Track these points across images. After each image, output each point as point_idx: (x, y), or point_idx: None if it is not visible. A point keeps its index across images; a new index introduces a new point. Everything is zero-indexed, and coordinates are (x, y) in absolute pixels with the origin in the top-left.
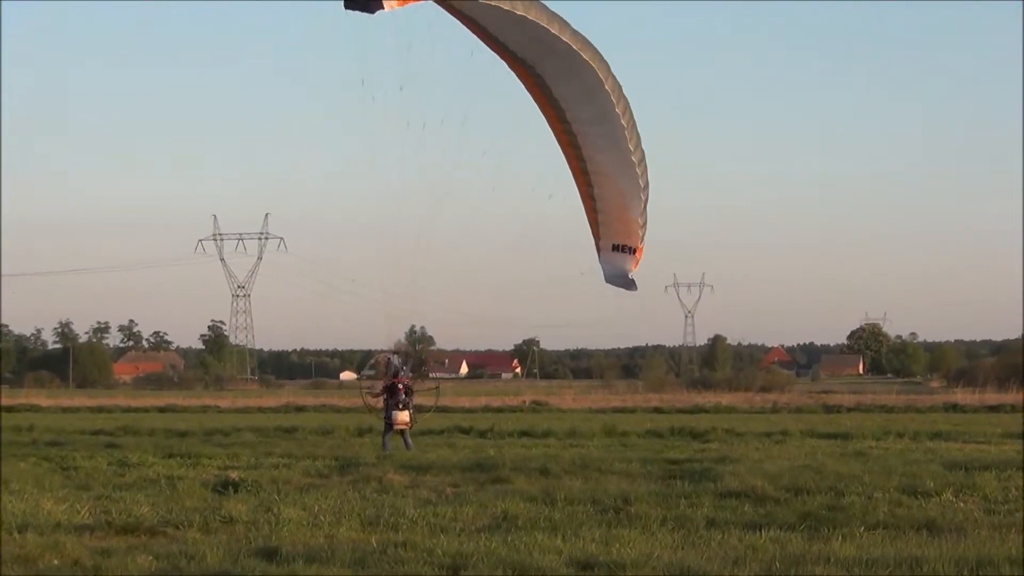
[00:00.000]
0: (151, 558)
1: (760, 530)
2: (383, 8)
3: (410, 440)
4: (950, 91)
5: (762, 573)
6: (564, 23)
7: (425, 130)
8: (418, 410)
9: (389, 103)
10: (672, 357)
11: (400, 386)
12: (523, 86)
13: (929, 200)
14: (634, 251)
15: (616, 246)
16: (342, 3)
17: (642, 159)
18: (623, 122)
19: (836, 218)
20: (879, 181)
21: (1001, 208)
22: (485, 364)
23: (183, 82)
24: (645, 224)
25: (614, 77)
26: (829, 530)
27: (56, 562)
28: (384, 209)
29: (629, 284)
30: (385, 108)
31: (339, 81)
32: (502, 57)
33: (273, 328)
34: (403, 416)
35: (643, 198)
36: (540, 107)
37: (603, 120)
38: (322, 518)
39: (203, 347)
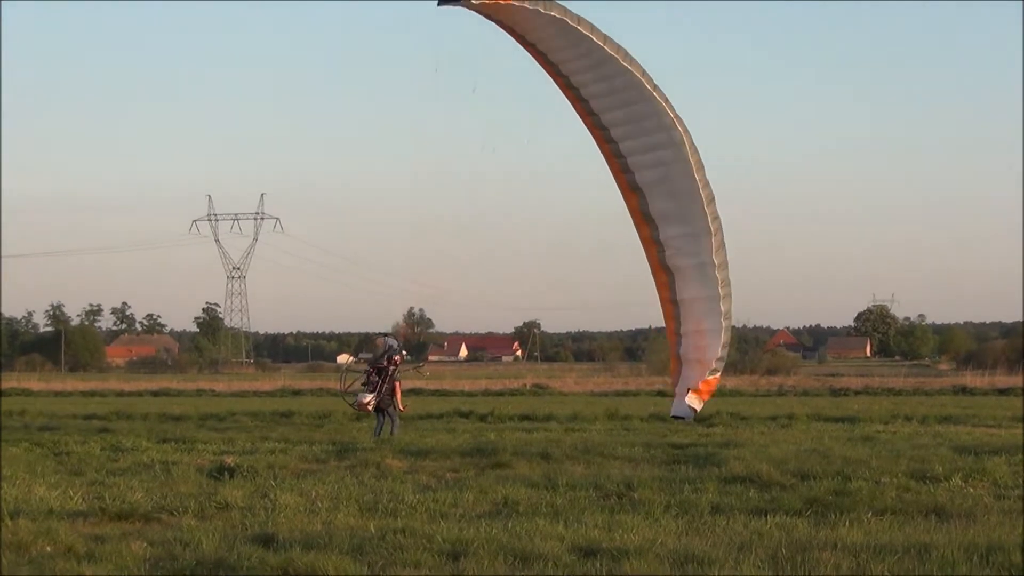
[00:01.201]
0: (145, 544)
1: (766, 516)
2: (472, 5)
3: (395, 424)
4: (963, 64)
5: (768, 559)
6: (655, 85)
7: (454, 121)
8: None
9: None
10: None
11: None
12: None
13: (938, 179)
14: (699, 387)
15: (691, 388)
16: None
17: (727, 280)
18: (714, 235)
19: (843, 197)
20: (888, 159)
21: (1012, 187)
22: (485, 347)
23: (177, 58)
24: (723, 358)
25: (705, 175)
26: (836, 516)
27: (49, 549)
28: (391, 194)
29: (689, 414)
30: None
31: (340, 60)
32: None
33: (269, 310)
34: (365, 398)
35: (724, 326)
36: (636, 227)
37: (696, 240)
38: (319, 504)
39: (197, 330)
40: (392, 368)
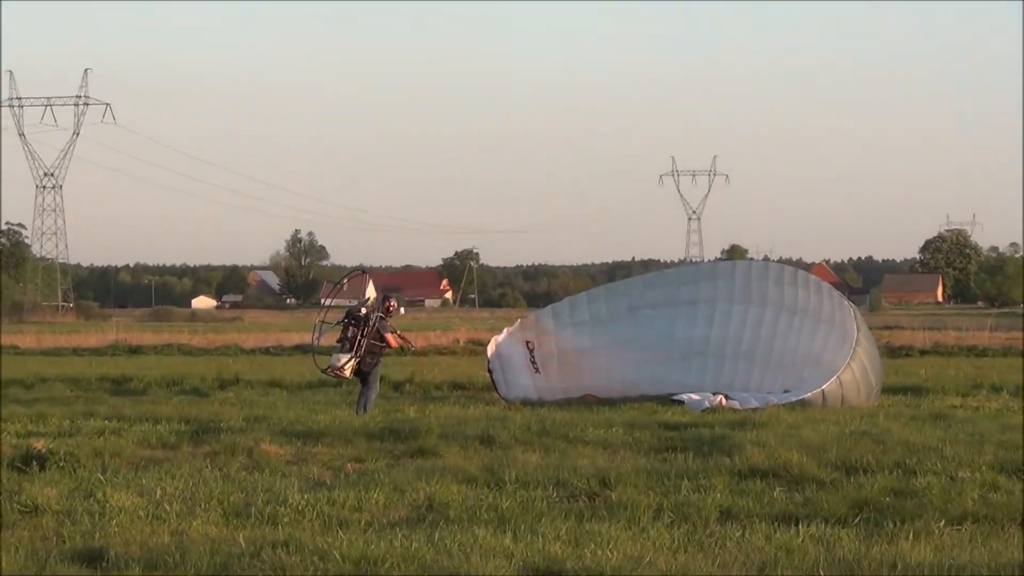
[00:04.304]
0: None
1: (797, 524)
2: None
3: (370, 398)
4: None
5: None
6: None
7: None
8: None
9: None
10: None
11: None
12: None
13: None
14: None
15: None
16: None
17: None
18: None
19: (906, 86)
20: (964, 36)
21: None
22: (402, 287)
23: None
24: None
25: None
26: (895, 525)
27: None
28: (264, 62)
29: (699, 407)
30: None
31: None
32: None
33: (96, 234)
34: (340, 360)
35: None
36: None
37: None
38: (167, 507)
39: None
40: (377, 318)
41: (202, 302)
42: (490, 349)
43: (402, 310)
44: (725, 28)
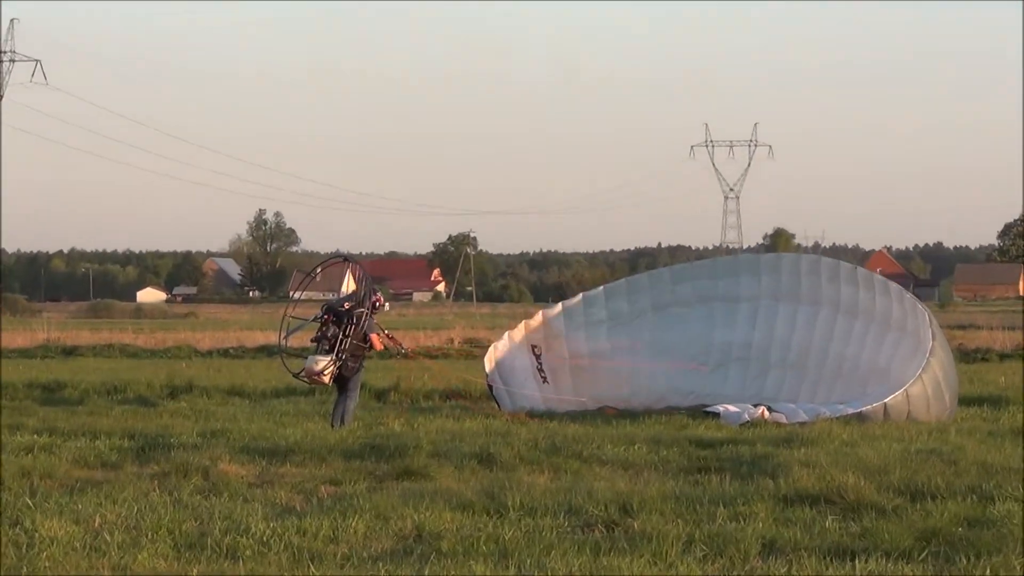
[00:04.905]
0: None
1: (852, 559)
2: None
3: (348, 408)
4: None
5: None
6: None
7: None
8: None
9: None
10: None
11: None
12: None
13: None
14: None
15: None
16: None
17: None
18: None
19: (987, 47)
20: None
21: None
22: (386, 277)
23: None
24: None
25: None
26: (968, 560)
27: None
28: (225, 18)
29: (738, 420)
30: None
31: None
32: None
33: (23, 214)
34: (317, 364)
35: None
36: None
37: None
38: (108, 537)
39: None
40: (363, 315)
41: (149, 295)
42: (488, 362)
43: (387, 306)
44: None
